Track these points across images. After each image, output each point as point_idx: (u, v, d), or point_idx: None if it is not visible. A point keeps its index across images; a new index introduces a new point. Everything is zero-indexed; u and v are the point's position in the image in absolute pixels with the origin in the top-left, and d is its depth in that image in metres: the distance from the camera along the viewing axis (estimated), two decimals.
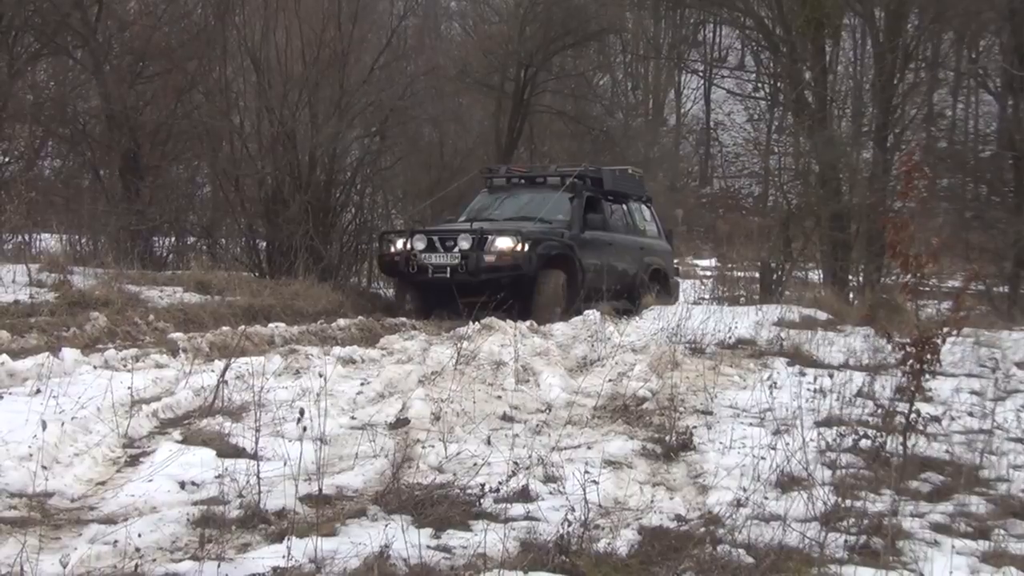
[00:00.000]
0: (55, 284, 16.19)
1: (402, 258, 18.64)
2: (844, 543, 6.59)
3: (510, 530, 6.53)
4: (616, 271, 20.20)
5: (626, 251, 20.94)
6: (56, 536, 6.44)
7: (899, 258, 9.05)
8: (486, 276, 17.86)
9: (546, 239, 18.77)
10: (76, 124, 23.22)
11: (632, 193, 22.36)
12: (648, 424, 9.94)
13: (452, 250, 18.31)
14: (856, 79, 28.33)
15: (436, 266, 18.28)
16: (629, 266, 20.88)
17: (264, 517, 6.73)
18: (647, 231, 22.36)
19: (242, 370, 10.54)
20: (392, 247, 19.06)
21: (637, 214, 22.22)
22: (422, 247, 18.56)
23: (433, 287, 18.53)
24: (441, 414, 9.59)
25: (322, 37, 24.06)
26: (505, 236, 18.25)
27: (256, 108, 24.07)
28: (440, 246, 18.50)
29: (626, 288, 20.50)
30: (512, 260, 18.05)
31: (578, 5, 27.02)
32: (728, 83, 49.92)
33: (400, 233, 19.45)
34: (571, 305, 18.28)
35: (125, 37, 23.27)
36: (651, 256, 21.82)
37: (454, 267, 18.13)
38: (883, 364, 12.47)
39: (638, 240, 21.69)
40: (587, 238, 19.72)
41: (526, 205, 20.48)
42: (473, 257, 18.02)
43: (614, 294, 19.49)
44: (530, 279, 18.13)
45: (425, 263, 18.39)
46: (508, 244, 18.15)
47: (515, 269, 18.08)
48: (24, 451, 7.51)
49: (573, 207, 20.07)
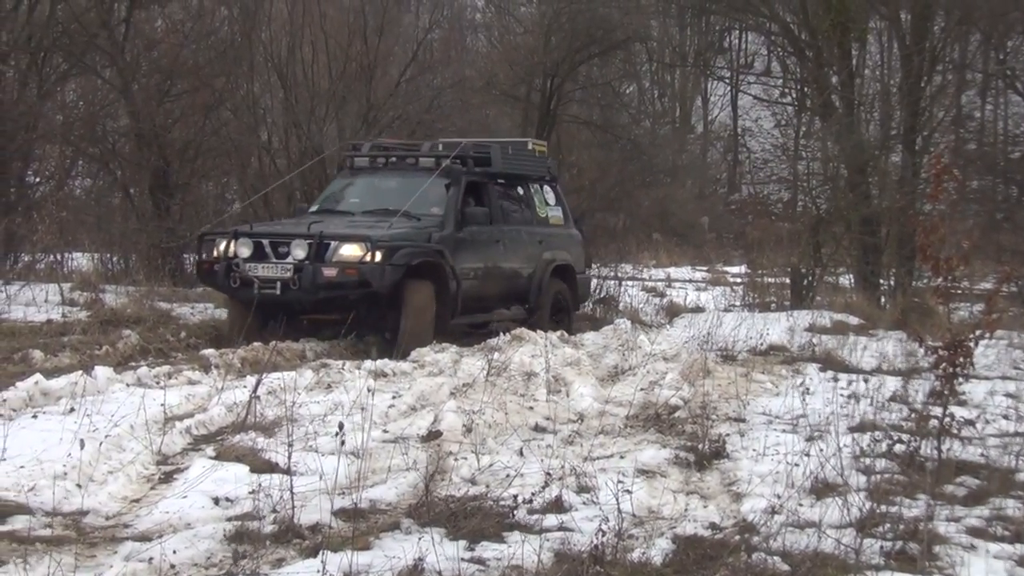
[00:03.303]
0: (87, 303, 16.29)
1: (222, 267, 14.51)
2: (880, 549, 6.57)
3: (544, 541, 6.52)
4: (504, 274, 16.61)
5: (519, 247, 16.98)
6: (91, 554, 6.47)
7: (930, 261, 9.02)
8: (325, 294, 14.05)
9: (406, 245, 14.63)
10: (106, 143, 23.32)
11: (530, 173, 17.99)
12: (680, 432, 9.93)
13: (285, 258, 14.35)
14: (883, 82, 28.26)
15: (264, 279, 14.21)
16: (523, 265, 16.99)
17: (298, 532, 6.75)
18: (549, 218, 18.06)
19: (274, 385, 10.55)
20: (214, 252, 14.83)
21: (536, 198, 17.92)
22: (247, 254, 14.50)
23: (266, 306, 14.32)
24: (473, 426, 9.59)
25: (348, 51, 24.20)
26: (350, 242, 14.28)
27: (284, 124, 24.18)
28: (271, 252, 14.50)
29: (519, 293, 16.91)
30: (358, 274, 14.08)
31: (603, 14, 27.00)
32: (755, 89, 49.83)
33: (224, 234, 15.02)
34: (442, 323, 14.92)
35: (153, 56, 23.38)
36: (553, 250, 17.65)
37: (286, 282, 14.12)
38: (916, 368, 12.43)
39: (537, 231, 17.51)
40: (464, 237, 15.80)
41: (391, 194, 16.31)
42: (308, 270, 14.01)
43: (502, 301, 16.62)
44: (387, 296, 14.37)
45: (250, 275, 14.31)
46: (354, 253, 14.19)
47: (363, 286, 14.14)
48: (59, 470, 7.55)
49: (448, 197, 15.95)
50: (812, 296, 21.03)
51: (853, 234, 22.41)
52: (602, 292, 22.30)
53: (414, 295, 14.49)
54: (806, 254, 22.21)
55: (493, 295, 16.35)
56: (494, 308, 16.43)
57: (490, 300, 16.32)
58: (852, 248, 22.83)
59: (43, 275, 18.42)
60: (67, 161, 23.97)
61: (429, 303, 14.67)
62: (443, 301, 14.95)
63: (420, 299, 14.55)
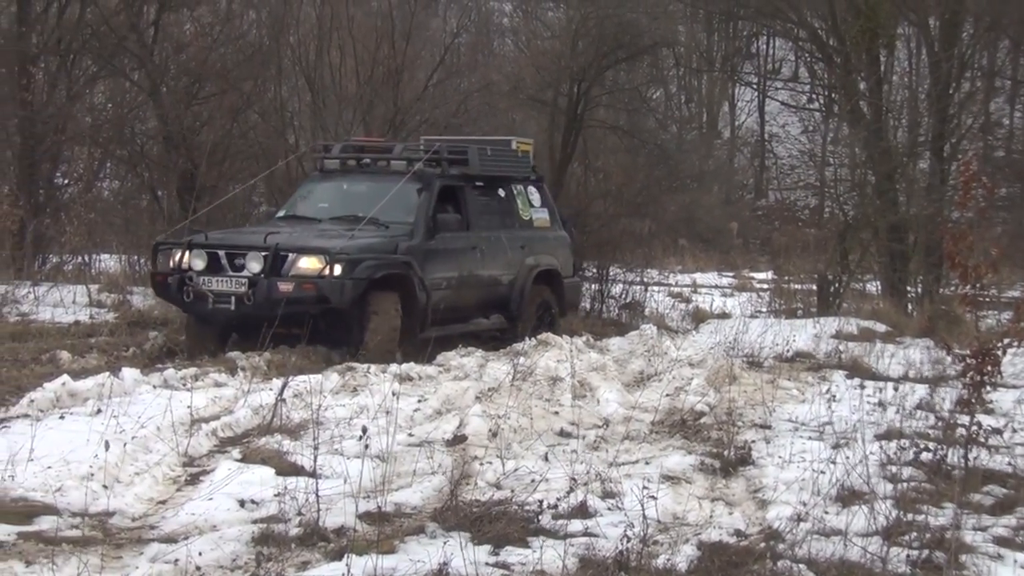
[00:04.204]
0: (114, 304, 16.39)
1: (175, 280, 13.74)
2: (906, 557, 6.54)
3: (569, 546, 6.53)
4: (482, 282, 15.78)
5: (499, 253, 16.07)
6: (118, 555, 6.50)
7: (958, 268, 9.00)
8: (283, 310, 12.59)
9: (369, 257, 13.79)
10: (134, 145, 23.42)
11: (512, 173, 17.00)
12: (706, 439, 9.92)
13: (241, 271, 13.53)
14: (912, 89, 28.17)
15: (218, 294, 13.45)
16: (503, 272, 16.10)
17: (323, 535, 6.77)
18: (534, 221, 17.06)
19: (300, 388, 10.57)
20: (169, 263, 14.02)
21: (519, 200, 16.91)
22: (201, 266, 13.68)
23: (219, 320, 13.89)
24: (498, 430, 9.60)
25: (376, 55, 24.23)
26: (308, 255, 13.48)
27: (311, 127, 24.24)
28: (227, 265, 13.68)
29: (500, 301, 16.11)
30: (316, 289, 13.28)
31: (630, 19, 26.91)
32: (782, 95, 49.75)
33: (178, 245, 14.13)
34: (410, 337, 13.95)
35: (181, 58, 23.46)
36: (537, 255, 16.73)
37: (240, 296, 13.35)
38: (943, 376, 12.38)
39: (519, 235, 16.54)
40: (436, 245, 14.92)
41: (361, 199, 15.32)
42: (263, 285, 13.22)
43: (481, 310, 16.08)
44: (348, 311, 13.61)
45: (204, 289, 13.50)
46: (312, 266, 13.40)
47: (321, 301, 13.36)
48: (85, 471, 7.60)
49: (419, 203, 15.00)
50: (839, 303, 20.96)
51: (880, 241, 22.33)
52: (628, 297, 22.28)
53: (377, 307, 13.70)
54: (833, 260, 22.15)
55: (470, 304, 15.70)
56: (472, 318, 15.92)
57: (467, 310, 15.71)
58: (879, 255, 22.74)
59: (71, 276, 18.54)
60: (95, 163, 24.08)
61: (394, 315, 13.84)
62: (411, 313, 14.16)
63: (383, 312, 13.75)
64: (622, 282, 22.70)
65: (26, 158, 21.31)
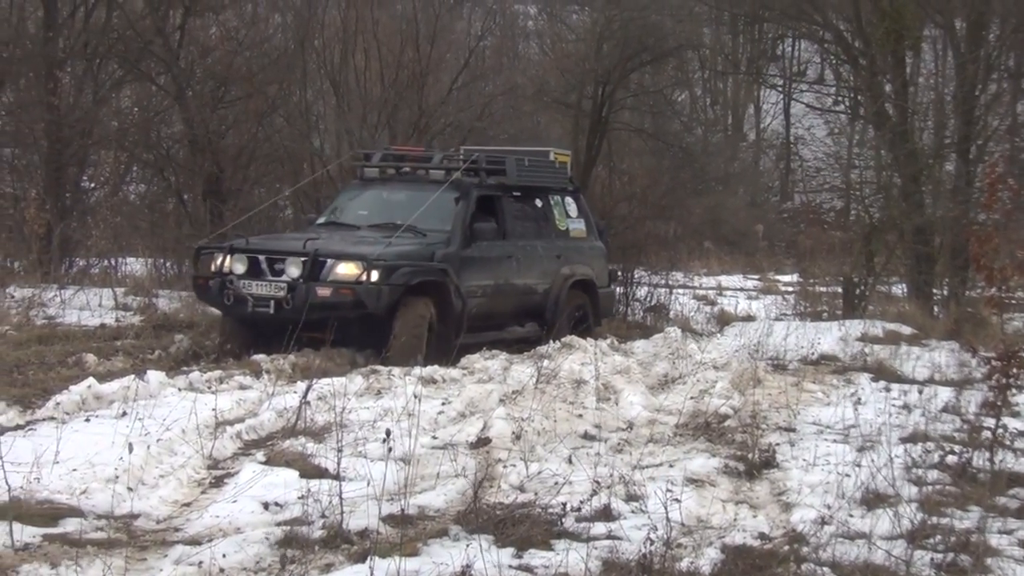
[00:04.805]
0: (140, 307, 16.45)
1: (216, 284, 13.98)
2: (931, 561, 6.52)
3: (592, 549, 6.53)
4: (517, 290, 15.95)
5: (534, 262, 16.24)
6: (142, 557, 6.53)
7: (984, 271, 8.99)
8: (319, 314, 13.08)
9: (405, 264, 13.95)
10: (160, 149, 23.49)
11: (549, 184, 17.14)
12: (730, 442, 9.91)
13: (280, 276, 13.77)
14: (937, 90, 28.03)
15: (258, 298, 13.65)
16: (538, 281, 16.27)
17: (347, 537, 6.78)
18: (571, 231, 17.27)
19: (324, 391, 10.60)
20: (210, 267, 14.35)
21: (556, 210, 17.11)
22: (242, 270, 13.93)
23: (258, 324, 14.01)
24: (522, 433, 9.60)
25: (400, 59, 24.26)
26: (346, 261, 13.67)
27: (336, 130, 24.28)
28: (267, 269, 13.93)
29: (535, 309, 16.25)
30: (354, 295, 13.49)
31: (655, 22, 26.90)
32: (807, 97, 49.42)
33: (220, 249, 14.43)
34: (446, 344, 13.95)
35: (207, 63, 23.53)
36: (573, 264, 16.90)
37: (279, 300, 13.52)
38: (969, 379, 12.34)
39: (555, 245, 16.74)
40: (472, 255, 15.08)
41: (399, 207, 15.51)
42: (302, 289, 13.40)
43: (515, 318, 16.11)
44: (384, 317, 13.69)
45: (244, 293, 13.71)
46: (349, 272, 13.60)
47: (358, 306, 13.52)
48: (110, 473, 7.63)
49: (457, 212, 15.19)
50: (864, 305, 20.89)
51: (906, 243, 22.25)
52: (653, 300, 22.26)
53: (406, 312, 13.76)
54: (859, 263, 22.08)
55: (505, 312, 15.85)
56: (506, 325, 15.99)
57: (502, 317, 15.84)
58: (905, 257, 22.67)
59: (97, 280, 18.60)
60: (122, 167, 24.18)
61: (421, 320, 13.89)
62: (447, 320, 14.34)
63: (412, 316, 13.80)
64: (647, 285, 22.68)
65: (53, 162, 21.40)
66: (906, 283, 23.02)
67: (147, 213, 24.19)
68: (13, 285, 16.46)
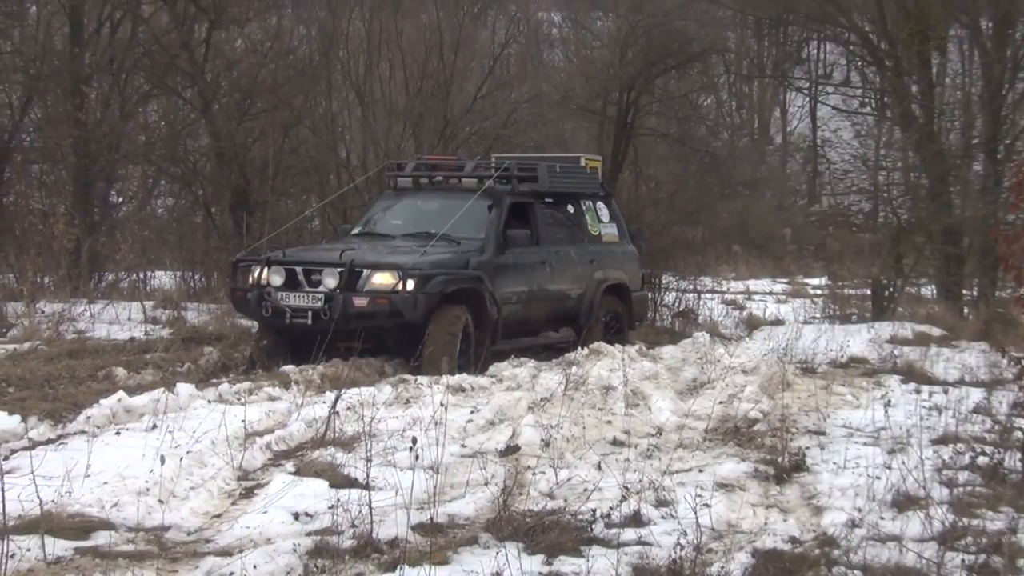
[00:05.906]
0: (169, 320, 16.53)
1: (255, 296, 14.05)
2: (962, 563, 6.49)
3: (622, 555, 6.52)
4: (551, 296, 15.96)
5: (568, 268, 16.26)
6: (173, 569, 6.55)
7: (1013, 271, 8.94)
8: (357, 324, 13.33)
9: (440, 273, 13.93)
10: (187, 163, 23.61)
11: (581, 190, 17.23)
12: (760, 446, 9.89)
13: (317, 287, 13.81)
14: (964, 91, 27.92)
15: (295, 309, 13.71)
16: (572, 286, 16.32)
17: (377, 547, 6.79)
18: (603, 236, 17.26)
19: (353, 401, 10.61)
20: (248, 279, 14.34)
21: (588, 216, 17.11)
22: (280, 282, 13.97)
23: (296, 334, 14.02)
24: (551, 440, 9.59)
25: (425, 68, 24.35)
26: (382, 271, 13.72)
27: (362, 141, 24.34)
28: (304, 280, 13.95)
29: (569, 314, 16.34)
30: (390, 304, 13.54)
31: (679, 27, 26.88)
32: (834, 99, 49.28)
33: (257, 261, 14.48)
34: (480, 350, 14.03)
35: (232, 75, 23.61)
36: (606, 269, 16.94)
37: (317, 311, 13.55)
38: (999, 379, 12.29)
39: (588, 250, 16.75)
40: (506, 262, 15.12)
41: (433, 216, 15.53)
42: (339, 300, 13.46)
43: (550, 323, 16.31)
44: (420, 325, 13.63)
45: (282, 304, 13.79)
46: (385, 281, 13.64)
47: (395, 315, 13.58)
48: (141, 485, 7.66)
49: (490, 220, 15.27)
50: (893, 307, 20.83)
51: (935, 244, 22.19)
52: (681, 305, 22.23)
53: (440, 319, 13.74)
54: (887, 265, 22.03)
55: (539, 318, 15.94)
56: (541, 331, 16.14)
57: (536, 323, 15.95)
58: (934, 258, 22.60)
59: (126, 294, 18.72)
60: (149, 181, 24.35)
61: (455, 328, 13.87)
62: (483, 327, 14.37)
63: (445, 323, 13.79)
64: (675, 290, 22.67)
65: (81, 177, 21.57)
66: (935, 284, 22.95)
67: (175, 226, 24.31)
68: (43, 300, 16.56)
